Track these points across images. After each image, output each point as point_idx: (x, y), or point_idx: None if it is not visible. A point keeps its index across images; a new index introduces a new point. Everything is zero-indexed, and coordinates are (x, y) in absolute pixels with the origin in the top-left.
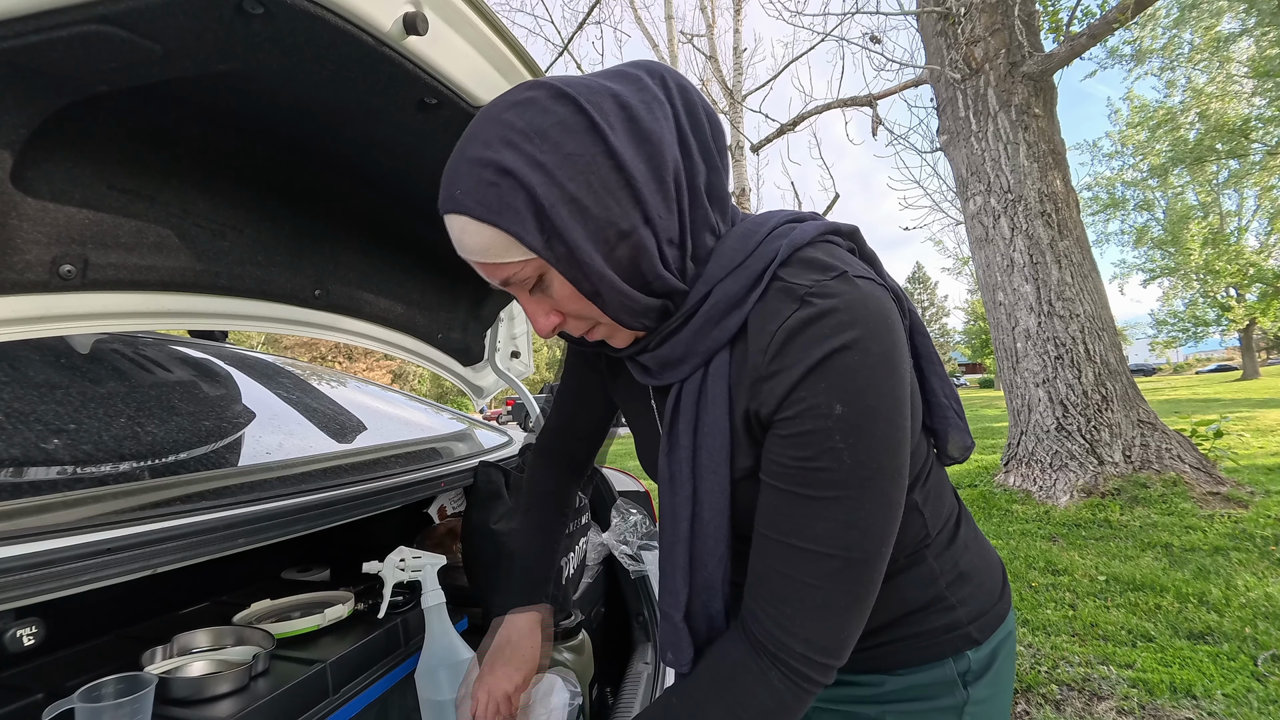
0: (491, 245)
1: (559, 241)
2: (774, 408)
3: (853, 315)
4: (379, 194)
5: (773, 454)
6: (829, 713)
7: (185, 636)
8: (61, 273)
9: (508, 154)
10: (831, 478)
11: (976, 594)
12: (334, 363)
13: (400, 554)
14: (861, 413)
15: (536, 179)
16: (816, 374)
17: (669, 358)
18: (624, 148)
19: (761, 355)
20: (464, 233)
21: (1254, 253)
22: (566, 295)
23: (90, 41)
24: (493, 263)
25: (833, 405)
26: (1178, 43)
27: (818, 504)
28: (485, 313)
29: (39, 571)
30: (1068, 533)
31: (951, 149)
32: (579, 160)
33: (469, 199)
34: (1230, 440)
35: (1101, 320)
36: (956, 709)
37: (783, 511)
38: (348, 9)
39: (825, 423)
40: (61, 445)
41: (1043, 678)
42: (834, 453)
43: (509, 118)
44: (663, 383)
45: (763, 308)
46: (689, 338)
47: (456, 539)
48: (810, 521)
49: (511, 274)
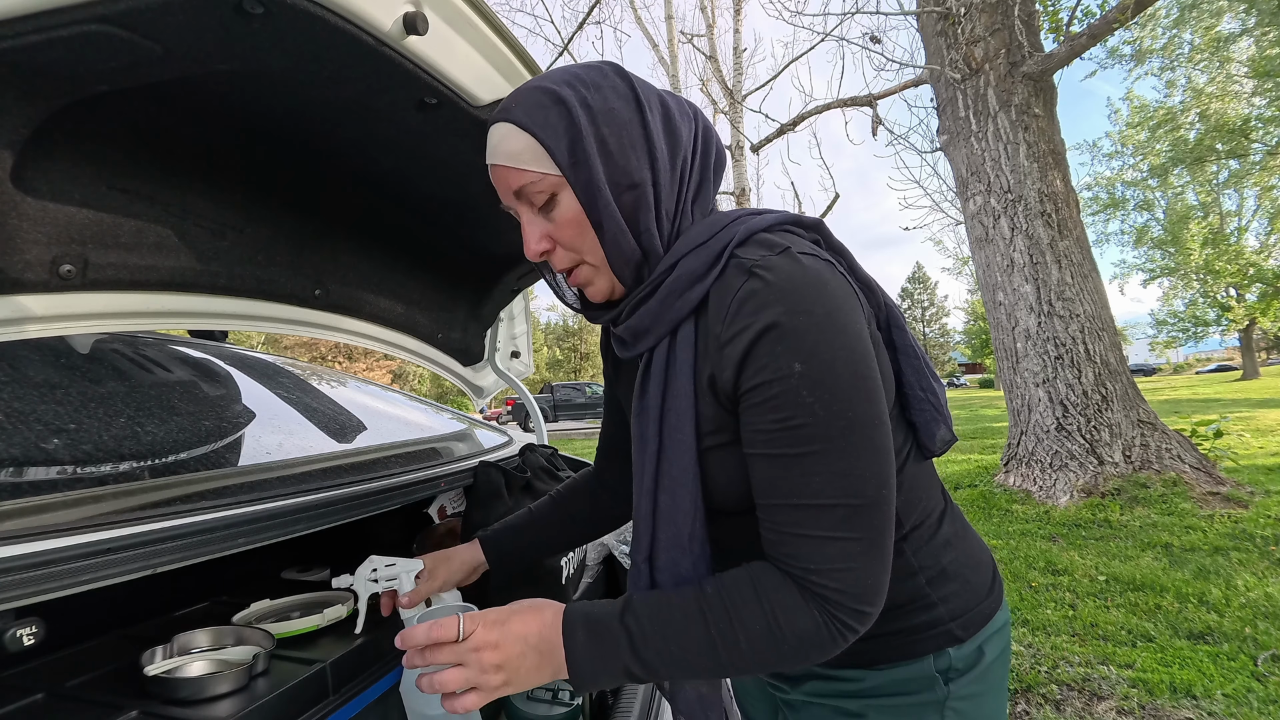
0: (524, 151)
1: (583, 167)
2: (735, 373)
3: (792, 284)
4: (379, 194)
5: (752, 425)
6: (813, 707)
7: (185, 636)
8: (61, 273)
9: (565, 89)
10: (812, 432)
11: (961, 592)
12: (334, 363)
13: (371, 564)
14: (820, 368)
15: (580, 113)
16: (768, 339)
17: (639, 327)
18: (655, 127)
19: (721, 324)
20: (504, 139)
21: (1254, 253)
22: (570, 220)
23: (90, 41)
24: (519, 168)
25: (791, 364)
26: (1178, 43)
27: (807, 460)
28: (485, 313)
29: (39, 571)
30: (1068, 533)
31: (951, 149)
32: (618, 116)
33: (519, 110)
34: (1230, 440)
35: (1101, 320)
36: (938, 704)
37: (778, 476)
38: (348, 9)
39: (790, 382)
40: (61, 445)
41: (1043, 678)
42: (806, 407)
43: (576, 70)
44: (636, 352)
45: (721, 282)
46: (656, 307)
47: (456, 539)
48: (806, 478)
49: (529, 183)
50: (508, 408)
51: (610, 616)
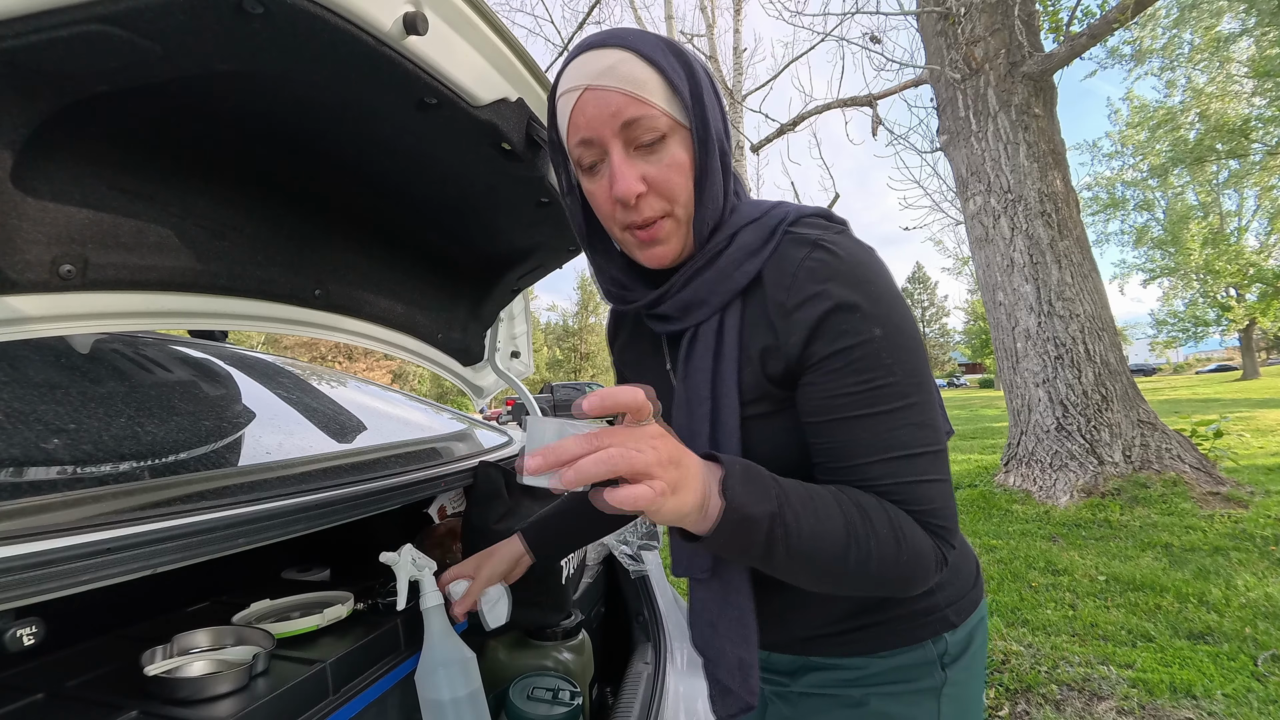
0: (648, 82)
1: (700, 119)
2: (804, 340)
3: (858, 258)
4: (379, 194)
5: (830, 390)
6: (813, 698)
7: (185, 636)
8: (61, 273)
9: (686, 48)
10: (895, 390)
11: (953, 579)
12: (334, 363)
13: (411, 550)
14: (895, 332)
15: (698, 65)
16: (845, 308)
17: (691, 300)
18: (723, 101)
19: (785, 292)
20: (621, 63)
21: (1254, 253)
22: (677, 165)
23: (90, 41)
24: (641, 98)
25: (872, 330)
26: (1178, 43)
27: (894, 415)
28: (485, 313)
29: (39, 571)
30: (1068, 533)
31: (951, 149)
32: (712, 83)
33: (640, 43)
34: (1230, 440)
35: (1101, 320)
36: (935, 691)
37: (867, 434)
38: (348, 9)
39: (871, 346)
40: (61, 445)
41: (1043, 678)
42: (887, 368)
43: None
44: (682, 327)
45: (778, 256)
46: (713, 278)
47: (456, 539)
48: (894, 432)
49: (645, 116)
50: (508, 408)
51: (761, 470)
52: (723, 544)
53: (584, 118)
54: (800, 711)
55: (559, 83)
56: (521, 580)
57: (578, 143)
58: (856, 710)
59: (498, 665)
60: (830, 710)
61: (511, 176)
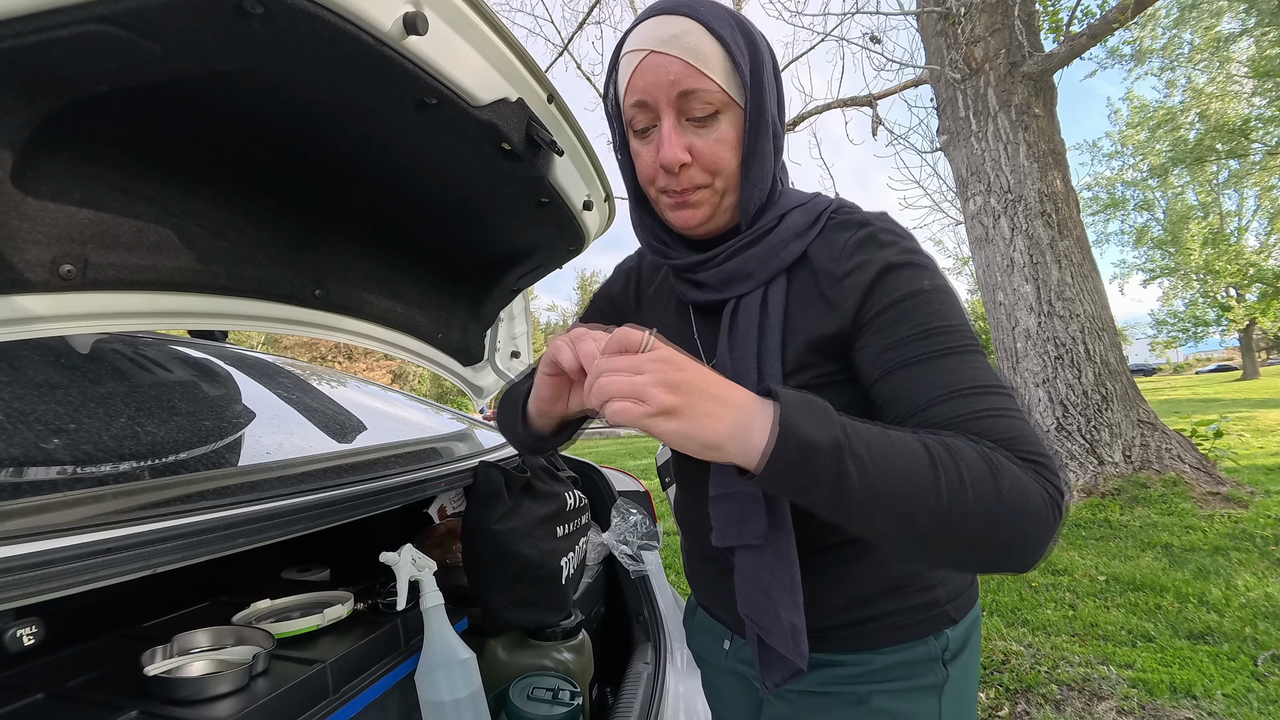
0: (711, 56)
1: (756, 101)
2: (860, 300)
3: (902, 233)
4: (379, 194)
5: (888, 340)
6: (815, 696)
7: (185, 636)
8: (61, 273)
9: (754, 27)
10: (953, 336)
11: (952, 575)
12: (334, 363)
13: (411, 551)
14: (943, 290)
15: (763, 45)
16: (895, 267)
17: (737, 272)
18: (776, 81)
19: (834, 264)
20: (688, 34)
21: (1254, 253)
22: (726, 142)
23: (90, 41)
24: (702, 70)
25: (921, 283)
26: (1178, 43)
27: (955, 357)
28: (485, 312)
29: (39, 571)
30: (1068, 533)
31: (951, 149)
32: (775, 65)
33: (712, 18)
34: (1230, 440)
35: (1101, 320)
36: (937, 688)
37: (929, 376)
38: (348, 9)
39: (923, 296)
40: (61, 445)
41: (1043, 678)
42: (940, 314)
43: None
44: (722, 298)
45: (824, 238)
46: (762, 253)
47: (456, 539)
48: (958, 372)
49: (702, 89)
50: None
51: (825, 402)
52: (782, 477)
53: (643, 81)
54: (798, 710)
55: (625, 41)
56: (522, 580)
57: (633, 104)
58: (858, 708)
59: (498, 665)
60: (830, 709)
61: (511, 176)
